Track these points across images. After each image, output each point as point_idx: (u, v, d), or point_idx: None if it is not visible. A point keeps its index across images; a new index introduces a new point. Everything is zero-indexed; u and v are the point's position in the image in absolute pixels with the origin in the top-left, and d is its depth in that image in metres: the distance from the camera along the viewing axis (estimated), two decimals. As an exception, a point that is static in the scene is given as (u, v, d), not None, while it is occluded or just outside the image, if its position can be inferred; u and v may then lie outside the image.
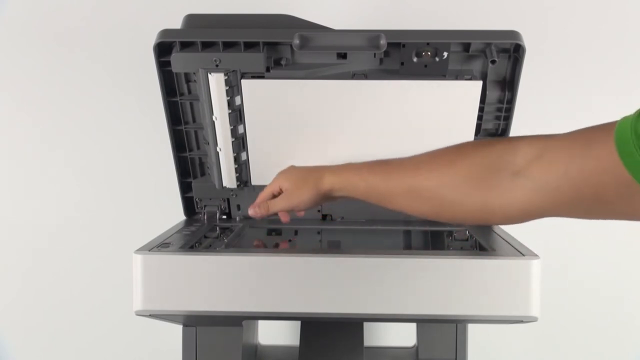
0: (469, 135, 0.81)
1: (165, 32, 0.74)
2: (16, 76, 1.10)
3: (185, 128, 0.85)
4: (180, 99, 0.83)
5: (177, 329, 0.80)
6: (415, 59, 0.76)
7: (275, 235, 0.91)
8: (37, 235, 1.15)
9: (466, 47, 0.77)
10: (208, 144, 0.84)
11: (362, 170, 0.64)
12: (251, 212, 0.73)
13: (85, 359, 1.21)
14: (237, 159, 0.85)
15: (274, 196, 0.72)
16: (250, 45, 0.75)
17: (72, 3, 1.07)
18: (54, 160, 1.13)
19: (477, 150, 0.56)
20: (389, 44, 0.73)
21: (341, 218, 0.93)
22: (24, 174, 1.13)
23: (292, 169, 0.73)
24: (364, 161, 0.65)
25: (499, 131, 0.84)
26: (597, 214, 0.48)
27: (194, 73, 0.78)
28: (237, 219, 0.93)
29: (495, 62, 0.75)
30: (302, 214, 0.75)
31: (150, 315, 0.67)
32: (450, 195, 0.55)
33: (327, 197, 0.68)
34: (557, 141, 0.50)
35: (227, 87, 0.77)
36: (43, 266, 1.17)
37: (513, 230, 0.80)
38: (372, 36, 0.73)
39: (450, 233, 0.86)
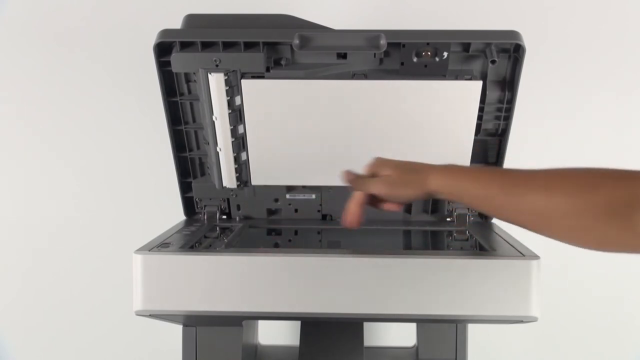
0: (469, 135, 0.81)
1: (165, 32, 0.75)
2: (16, 76, 1.10)
3: (185, 128, 0.85)
4: (180, 99, 0.83)
5: (177, 329, 0.80)
6: (415, 59, 0.76)
7: (275, 235, 0.91)
8: (37, 235, 1.15)
9: (466, 47, 0.77)
10: (208, 144, 0.84)
11: (479, 178, 0.60)
12: (345, 178, 0.69)
13: (85, 359, 1.21)
14: (237, 159, 0.85)
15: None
16: (250, 45, 0.75)
17: (72, 3, 1.07)
18: (54, 160, 1.13)
19: (617, 179, 0.53)
20: (389, 44, 0.73)
21: (340, 218, 0.93)
22: (23, 174, 1.13)
23: (384, 160, 0.69)
24: (475, 166, 0.63)
25: (499, 131, 0.84)
26: None
27: (194, 73, 0.78)
28: (237, 219, 0.93)
29: (495, 62, 0.75)
30: (394, 207, 0.69)
31: (150, 315, 0.67)
32: (583, 224, 0.54)
33: (428, 197, 0.65)
34: None
35: (227, 87, 0.78)
36: (43, 266, 1.17)
37: (513, 231, 0.80)
38: (372, 36, 0.73)
39: (450, 233, 0.86)
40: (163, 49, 0.76)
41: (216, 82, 0.77)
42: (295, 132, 0.81)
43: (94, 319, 1.19)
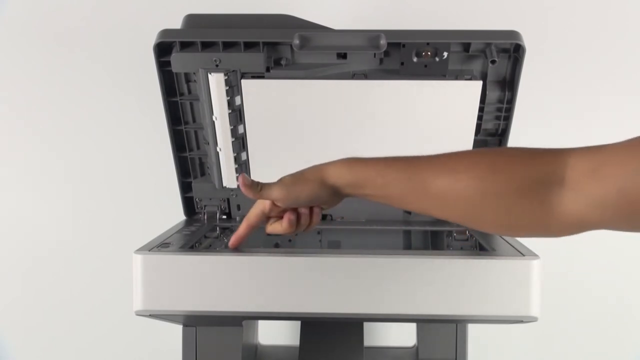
0: (469, 135, 0.81)
1: (165, 32, 0.74)
2: (16, 76, 1.10)
3: (185, 128, 0.85)
4: (180, 99, 0.83)
5: (177, 329, 0.80)
6: (415, 59, 0.76)
7: (275, 235, 0.91)
8: (37, 235, 1.15)
9: (466, 47, 0.77)
10: (208, 144, 0.84)
11: (379, 165, 0.57)
12: (241, 182, 0.63)
13: (85, 359, 1.21)
14: (237, 159, 0.85)
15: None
16: (250, 45, 0.75)
17: (72, 3, 1.07)
18: (54, 160, 1.13)
19: (521, 159, 0.51)
20: (389, 44, 0.73)
21: (341, 218, 0.94)
22: (23, 174, 1.13)
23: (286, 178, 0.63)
24: (374, 157, 0.59)
25: (499, 131, 0.84)
26: None
27: (194, 73, 0.78)
28: (237, 219, 0.92)
29: (495, 62, 0.75)
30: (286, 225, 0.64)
31: (150, 315, 0.67)
32: (493, 204, 0.51)
33: (332, 194, 0.60)
34: (610, 155, 0.47)
35: (227, 87, 0.77)
36: (43, 266, 1.17)
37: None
38: (372, 36, 0.73)
39: (450, 233, 0.86)
40: (163, 49, 0.76)
41: (216, 82, 0.77)
42: (295, 132, 0.81)
43: (94, 319, 1.19)
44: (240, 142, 0.84)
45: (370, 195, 0.59)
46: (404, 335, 1.06)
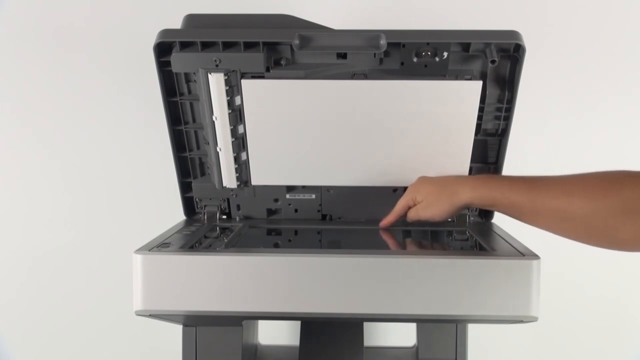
0: (469, 135, 0.81)
1: (165, 32, 0.74)
2: (15, 76, 1.10)
3: (185, 128, 0.85)
4: (180, 99, 0.83)
5: (177, 329, 0.80)
6: (415, 59, 0.76)
7: (275, 235, 0.91)
8: (37, 235, 1.15)
9: (466, 47, 0.77)
10: (208, 144, 0.84)
11: (504, 187, 0.67)
12: (384, 224, 0.82)
13: (85, 359, 1.21)
14: (237, 159, 0.85)
15: (408, 208, 0.79)
16: (250, 45, 0.75)
17: (71, 3, 1.07)
18: (53, 160, 1.13)
19: (630, 181, 0.57)
20: (389, 44, 0.73)
21: (340, 218, 0.94)
22: (23, 174, 1.13)
23: (424, 180, 0.78)
24: (502, 175, 0.70)
25: (499, 131, 0.84)
26: None
27: (194, 73, 0.78)
28: (237, 219, 0.93)
29: (495, 62, 0.75)
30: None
31: (150, 315, 0.67)
32: (602, 225, 0.57)
33: (463, 208, 0.74)
34: None
35: (227, 87, 0.77)
36: (43, 266, 1.17)
37: (513, 231, 0.80)
38: (372, 36, 0.73)
39: (450, 233, 0.86)
40: (163, 49, 0.76)
41: (216, 82, 0.77)
42: (295, 132, 0.81)
43: (94, 319, 1.19)
44: (240, 142, 0.84)
45: (498, 211, 0.71)
46: (404, 335, 1.07)
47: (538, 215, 0.63)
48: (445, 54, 0.75)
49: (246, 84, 0.77)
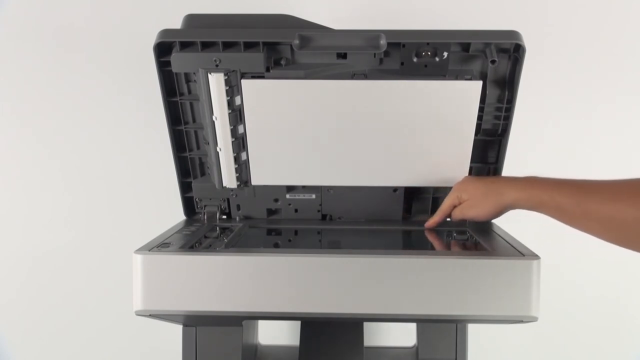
0: (469, 135, 0.81)
1: (165, 32, 0.74)
2: (15, 76, 1.10)
3: (185, 128, 0.85)
4: (180, 99, 0.83)
5: (177, 329, 0.80)
6: (415, 59, 0.76)
7: (275, 235, 0.91)
8: (37, 235, 1.15)
9: (466, 47, 0.77)
10: (208, 144, 0.84)
11: (551, 190, 0.66)
12: (430, 224, 0.83)
13: (85, 359, 1.21)
14: (237, 159, 0.85)
15: (454, 207, 0.80)
16: (250, 45, 0.75)
17: (72, 3, 1.07)
18: (53, 160, 1.13)
19: None
20: (389, 44, 0.73)
21: (340, 218, 0.93)
22: (23, 174, 1.13)
23: (470, 179, 0.79)
24: (549, 177, 0.69)
25: (499, 131, 0.84)
26: None
27: (194, 73, 0.78)
28: (237, 219, 0.93)
29: (495, 62, 0.75)
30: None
31: (150, 315, 0.67)
32: None
33: (508, 210, 0.73)
34: None
35: (227, 87, 0.77)
36: (43, 266, 1.17)
37: (513, 231, 0.80)
38: (372, 36, 0.73)
39: (450, 233, 0.86)
40: (163, 49, 0.76)
41: (216, 82, 0.77)
42: (295, 132, 0.81)
43: (93, 319, 1.19)
44: (240, 142, 0.84)
45: (542, 212, 0.69)
46: (404, 335, 1.07)
47: (585, 219, 0.63)
48: (445, 54, 0.75)
49: (246, 84, 0.77)
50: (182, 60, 0.76)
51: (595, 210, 0.61)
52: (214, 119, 0.80)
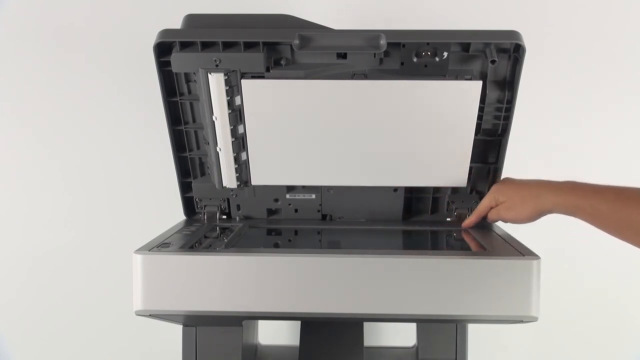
0: (469, 135, 0.81)
1: (165, 32, 0.74)
2: (15, 76, 1.10)
3: (185, 128, 0.85)
4: (180, 99, 0.83)
5: (177, 329, 0.80)
6: (415, 59, 0.76)
7: (275, 235, 0.91)
8: (37, 235, 1.15)
9: (466, 47, 0.77)
10: (208, 144, 0.84)
11: (590, 196, 0.66)
12: (466, 224, 0.83)
13: (85, 359, 1.21)
14: (237, 159, 0.85)
15: (490, 208, 0.80)
16: (250, 45, 0.75)
17: (72, 3, 1.07)
18: (53, 160, 1.13)
19: None
20: (389, 44, 0.73)
21: (340, 218, 0.94)
22: (23, 174, 1.13)
23: (508, 181, 0.79)
24: (588, 183, 0.68)
25: (499, 131, 0.84)
26: None
27: (194, 73, 0.78)
28: (237, 219, 0.93)
29: (495, 62, 0.75)
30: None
31: (150, 315, 0.67)
32: None
33: (546, 214, 0.73)
34: None
35: (227, 87, 0.77)
36: (43, 266, 1.17)
37: (513, 230, 0.80)
38: (372, 36, 0.73)
39: (450, 233, 0.86)
40: (163, 49, 0.76)
41: (216, 82, 0.77)
42: (295, 132, 0.81)
43: (93, 319, 1.19)
44: (240, 142, 0.84)
45: (577, 217, 0.69)
46: (404, 335, 1.07)
47: (623, 227, 0.63)
48: (445, 54, 0.75)
49: (246, 84, 0.77)
50: (182, 60, 0.76)
51: (634, 219, 0.61)
52: (214, 119, 0.80)
